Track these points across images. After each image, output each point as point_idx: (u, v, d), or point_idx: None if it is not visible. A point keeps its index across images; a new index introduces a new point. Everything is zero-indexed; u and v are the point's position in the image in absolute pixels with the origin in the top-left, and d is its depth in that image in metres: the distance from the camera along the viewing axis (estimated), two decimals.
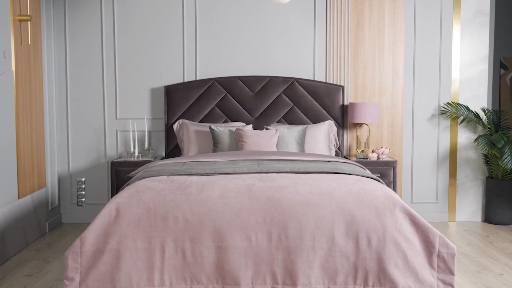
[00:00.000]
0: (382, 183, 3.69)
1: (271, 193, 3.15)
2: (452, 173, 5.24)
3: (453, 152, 5.23)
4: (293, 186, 3.25)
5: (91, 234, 3.07)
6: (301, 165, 3.84)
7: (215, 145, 4.72)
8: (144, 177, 3.66)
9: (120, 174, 4.77)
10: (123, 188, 3.67)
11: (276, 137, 4.67)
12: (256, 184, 3.28)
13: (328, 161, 4.17)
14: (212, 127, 4.77)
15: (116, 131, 5.13)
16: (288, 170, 3.69)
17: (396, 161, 4.81)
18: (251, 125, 4.86)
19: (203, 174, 3.65)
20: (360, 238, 3.04)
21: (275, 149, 4.63)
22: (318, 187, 3.26)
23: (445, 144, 5.21)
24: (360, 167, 4.23)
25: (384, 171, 4.80)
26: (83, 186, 5.17)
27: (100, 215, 3.15)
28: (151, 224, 3.04)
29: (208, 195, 3.16)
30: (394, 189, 4.83)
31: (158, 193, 3.22)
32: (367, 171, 4.11)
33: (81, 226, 5.16)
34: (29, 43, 4.49)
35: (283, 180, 3.40)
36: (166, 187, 3.30)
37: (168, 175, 3.65)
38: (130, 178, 4.60)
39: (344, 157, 5.12)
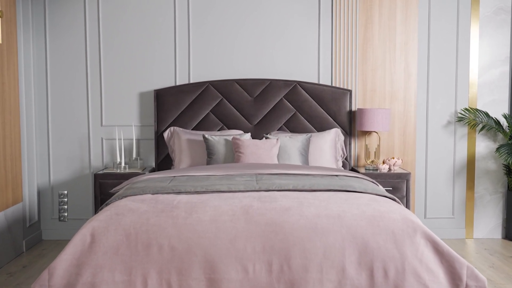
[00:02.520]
0: (398, 203, 3.29)
1: (271, 216, 2.85)
2: (470, 186, 4.94)
3: (471, 162, 4.93)
4: (297, 208, 2.94)
5: (62, 264, 2.75)
6: (305, 182, 3.46)
7: (209, 156, 4.35)
8: (125, 196, 3.27)
9: (105, 187, 4.44)
10: (101, 209, 3.26)
11: (277, 148, 4.29)
12: (254, 205, 2.98)
13: (336, 176, 3.83)
14: (206, 136, 4.40)
15: (102, 139, 4.85)
16: (291, 187, 3.34)
17: (409, 173, 4.48)
18: (249, 134, 4.56)
19: (193, 193, 3.31)
20: (375, 269, 2.75)
21: (275, 161, 4.26)
22: (326, 209, 2.95)
23: (462, 153, 4.92)
24: (372, 182, 3.83)
25: (396, 185, 4.45)
26: (66, 199, 4.88)
27: (72, 242, 2.83)
28: (132, 252, 2.77)
29: (198, 218, 2.86)
30: (407, 205, 4.45)
31: (140, 216, 2.91)
32: (380, 187, 3.70)
33: (63, 244, 4.79)
34: (0, 42, 4.08)
35: (285, 201, 3.06)
36: (149, 209, 2.99)
37: (153, 193, 3.31)
38: (114, 193, 4.19)
39: (352, 169, 4.76)
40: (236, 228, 2.78)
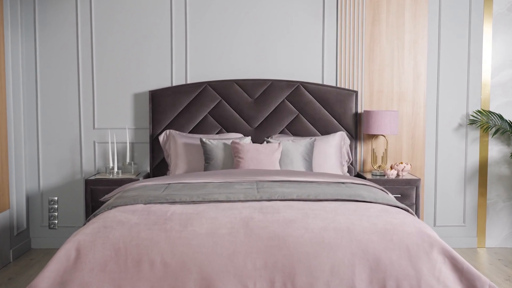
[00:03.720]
0: (412, 213, 3.06)
1: (273, 229, 2.66)
2: (482, 192, 4.75)
3: (483, 167, 4.74)
4: (302, 220, 2.74)
5: (44, 283, 2.55)
6: (310, 190, 3.24)
7: (207, 161, 4.13)
8: (115, 206, 3.05)
9: (97, 194, 4.23)
10: (88, 220, 3.03)
11: (278, 152, 4.07)
12: (255, 217, 2.77)
13: (342, 183, 3.63)
14: (204, 140, 4.17)
15: (94, 142, 4.67)
16: (294, 197, 3.12)
17: (419, 180, 4.29)
18: (249, 137, 4.36)
19: (189, 203, 3.09)
20: None
21: (277, 166, 4.03)
22: (334, 221, 2.74)
23: (474, 158, 4.74)
24: (381, 190, 3.61)
25: (405, 191, 4.25)
26: (56, 206, 4.70)
27: (55, 258, 2.62)
28: (121, 269, 2.58)
29: (194, 231, 2.66)
30: (416, 213, 4.23)
31: (131, 228, 2.70)
32: (390, 195, 3.48)
33: (53, 253, 4.54)
34: None
35: (289, 212, 2.86)
36: (141, 221, 2.78)
37: (145, 203, 3.10)
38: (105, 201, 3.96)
39: (358, 175, 4.56)
40: (235, 243, 2.59)
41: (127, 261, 2.56)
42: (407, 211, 3.06)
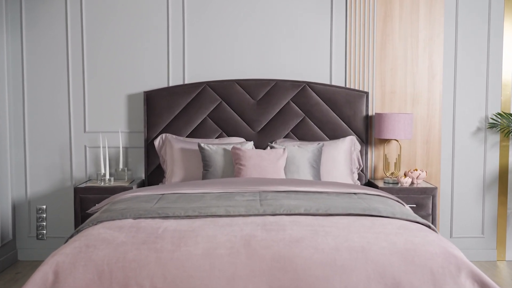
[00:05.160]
0: (434, 230, 2.75)
1: (279, 249, 2.38)
2: (502, 201, 4.51)
3: (503, 174, 4.50)
4: (311, 238, 2.45)
5: None
6: (319, 203, 2.95)
7: (206, 168, 3.85)
8: (101, 221, 2.75)
9: (87, 203, 3.98)
10: (71, 237, 2.74)
11: (283, 159, 3.80)
12: (257, 235, 2.49)
13: (354, 194, 3.36)
14: (202, 145, 3.90)
15: (85, 147, 4.46)
16: (302, 211, 2.82)
17: (436, 188, 4.01)
18: (252, 142, 4.11)
19: (183, 217, 2.80)
20: None
21: (282, 174, 3.76)
22: (347, 240, 2.46)
23: (494, 164, 4.50)
24: (397, 201, 3.30)
25: (421, 201, 3.98)
26: (44, 215, 4.49)
27: (30, 282, 2.35)
28: None
29: (188, 252, 2.38)
30: (433, 224, 3.93)
31: (117, 248, 2.42)
32: (407, 208, 3.18)
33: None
34: None
35: (296, 229, 2.56)
36: (128, 239, 2.49)
37: (134, 218, 2.80)
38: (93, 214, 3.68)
39: (369, 182, 4.31)
40: (235, 265, 2.31)
41: (112, 285, 2.28)
42: (429, 227, 2.75)
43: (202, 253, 2.33)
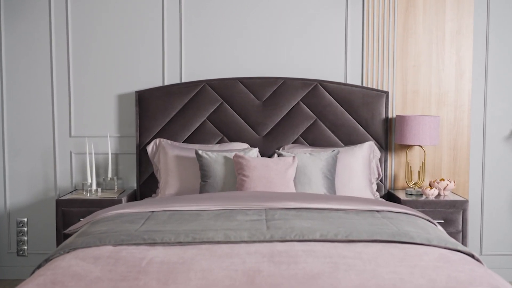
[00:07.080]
0: (479, 261, 2.31)
1: None
2: None
3: None
4: (330, 274, 2.03)
5: None
6: (338, 225, 2.54)
7: (204, 179, 3.50)
8: (74, 248, 2.33)
9: (70, 218, 3.69)
10: (39, 267, 2.34)
11: (293, 168, 3.44)
12: (263, 269, 2.07)
13: (377, 211, 2.98)
14: (200, 152, 3.57)
15: (70, 153, 4.24)
16: (318, 236, 2.42)
17: (467, 201, 3.67)
18: (256, 149, 3.83)
19: (174, 244, 2.38)
20: None
21: (292, 187, 3.40)
22: (375, 276, 2.03)
23: None
24: (428, 220, 2.87)
25: (449, 216, 3.63)
26: (25, 229, 4.26)
27: None
28: None
29: None
30: (463, 242, 3.57)
31: (89, 286, 2.00)
32: (440, 229, 2.75)
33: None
34: None
35: (311, 261, 2.14)
36: (104, 274, 2.08)
37: (114, 245, 2.39)
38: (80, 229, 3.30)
39: (389, 193, 3.98)
40: None
41: None
42: (473, 257, 2.30)
43: None
